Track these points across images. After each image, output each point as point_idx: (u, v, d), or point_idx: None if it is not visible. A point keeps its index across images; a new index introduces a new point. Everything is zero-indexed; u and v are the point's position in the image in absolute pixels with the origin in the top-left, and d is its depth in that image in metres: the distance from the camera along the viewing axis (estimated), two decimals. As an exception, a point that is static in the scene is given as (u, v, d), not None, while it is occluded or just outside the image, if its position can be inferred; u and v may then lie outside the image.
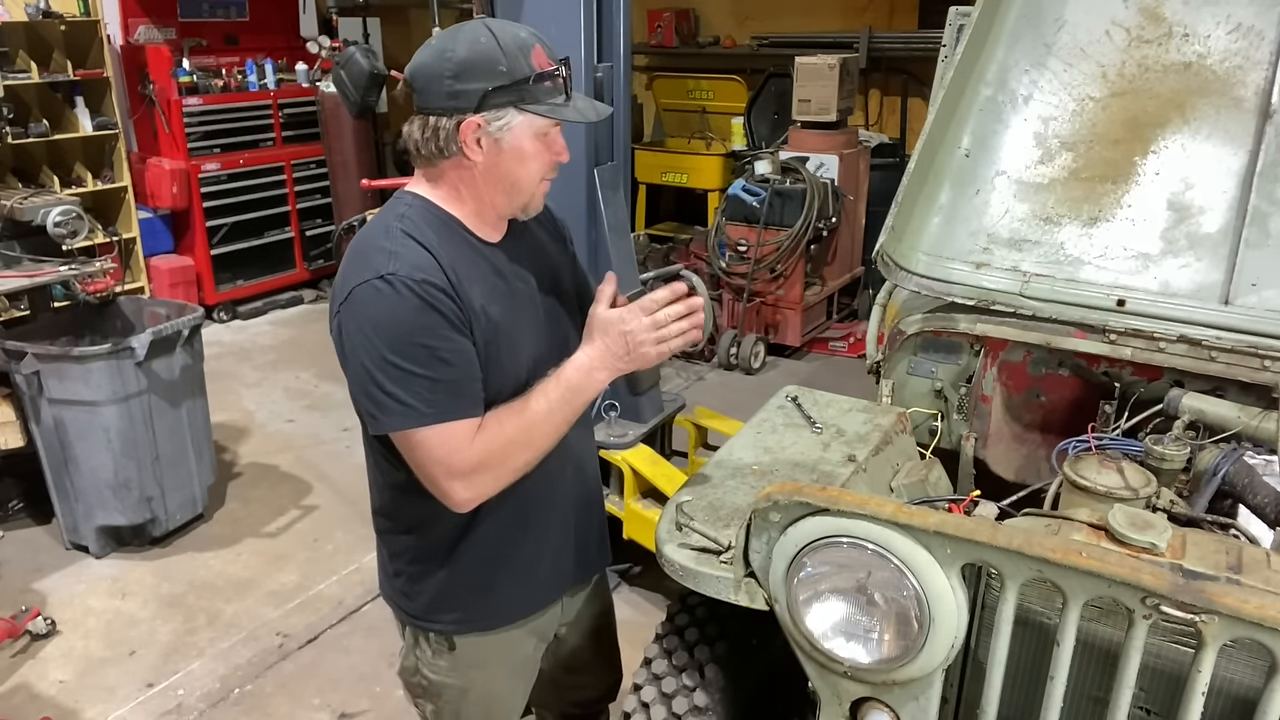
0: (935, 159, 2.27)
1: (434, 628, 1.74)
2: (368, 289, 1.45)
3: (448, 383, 1.45)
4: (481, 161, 1.52)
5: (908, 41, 6.96)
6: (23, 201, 3.99)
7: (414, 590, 1.73)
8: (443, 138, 1.50)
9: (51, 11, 5.63)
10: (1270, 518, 1.66)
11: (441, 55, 1.47)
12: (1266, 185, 1.97)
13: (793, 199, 5.65)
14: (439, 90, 1.47)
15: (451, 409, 1.46)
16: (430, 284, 1.45)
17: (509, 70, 1.47)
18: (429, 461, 1.48)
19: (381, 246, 1.49)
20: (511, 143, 1.51)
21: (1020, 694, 1.45)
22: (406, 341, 1.43)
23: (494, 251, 1.60)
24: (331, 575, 3.72)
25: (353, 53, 5.13)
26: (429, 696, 1.83)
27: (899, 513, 1.36)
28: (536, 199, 1.61)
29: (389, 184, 3.92)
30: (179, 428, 3.83)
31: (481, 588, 1.70)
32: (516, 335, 1.58)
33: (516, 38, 1.50)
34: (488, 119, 1.48)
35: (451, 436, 1.46)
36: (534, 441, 1.53)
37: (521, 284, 1.64)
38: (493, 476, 1.51)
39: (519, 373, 1.57)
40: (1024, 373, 2.20)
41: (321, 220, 7.11)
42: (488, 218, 1.60)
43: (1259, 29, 2.08)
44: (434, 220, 1.55)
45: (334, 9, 6.57)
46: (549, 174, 1.59)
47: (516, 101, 1.48)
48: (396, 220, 1.53)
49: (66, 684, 3.13)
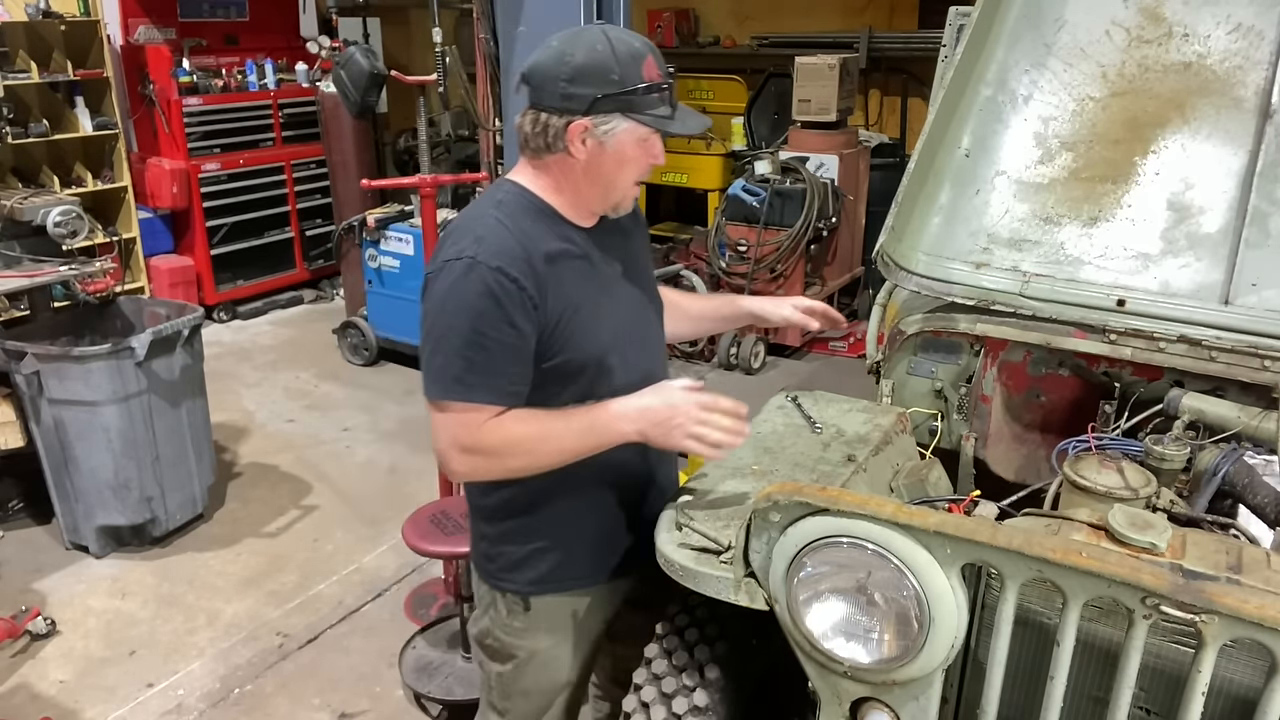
0: (935, 159, 2.27)
1: (511, 588, 1.83)
2: (451, 266, 1.58)
3: (482, 367, 1.56)
4: (584, 160, 1.62)
5: (908, 41, 6.96)
6: (23, 201, 3.99)
7: (495, 551, 1.83)
8: (551, 135, 1.60)
9: (51, 11, 5.63)
10: (1270, 518, 1.66)
11: (560, 58, 1.57)
12: (1266, 185, 1.97)
13: (793, 199, 5.65)
14: (553, 91, 1.57)
15: (473, 392, 1.57)
16: (503, 272, 1.55)
17: (621, 79, 1.56)
18: (441, 428, 1.61)
19: (473, 230, 1.61)
20: (614, 146, 1.61)
21: (1020, 694, 1.45)
22: (461, 320, 1.56)
23: (585, 238, 1.71)
24: (331, 575, 3.72)
25: (353, 53, 5.13)
26: (498, 658, 1.91)
27: (899, 513, 1.36)
28: (627, 199, 1.72)
29: (389, 184, 3.92)
30: (179, 428, 3.83)
31: (559, 551, 1.79)
32: (596, 315, 1.68)
33: (631, 48, 1.58)
34: (595, 122, 1.58)
35: (467, 415, 1.58)
36: (537, 453, 1.61)
37: (607, 268, 1.74)
38: (487, 464, 1.63)
39: (597, 347, 1.68)
40: (1024, 373, 2.20)
41: (321, 220, 7.10)
42: (582, 210, 1.70)
43: (1259, 29, 2.08)
44: (530, 209, 1.66)
45: (334, 9, 6.56)
46: (643, 177, 1.70)
47: (624, 109, 1.58)
48: (493, 207, 1.65)
49: (66, 684, 3.13)
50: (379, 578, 3.70)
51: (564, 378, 1.66)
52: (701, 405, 1.57)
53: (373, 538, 3.97)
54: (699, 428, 1.57)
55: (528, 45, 3.04)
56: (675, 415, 1.57)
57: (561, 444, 1.61)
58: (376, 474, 4.57)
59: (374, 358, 5.86)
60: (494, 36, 3.19)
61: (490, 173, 3.63)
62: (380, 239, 5.48)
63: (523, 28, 3.01)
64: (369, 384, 5.65)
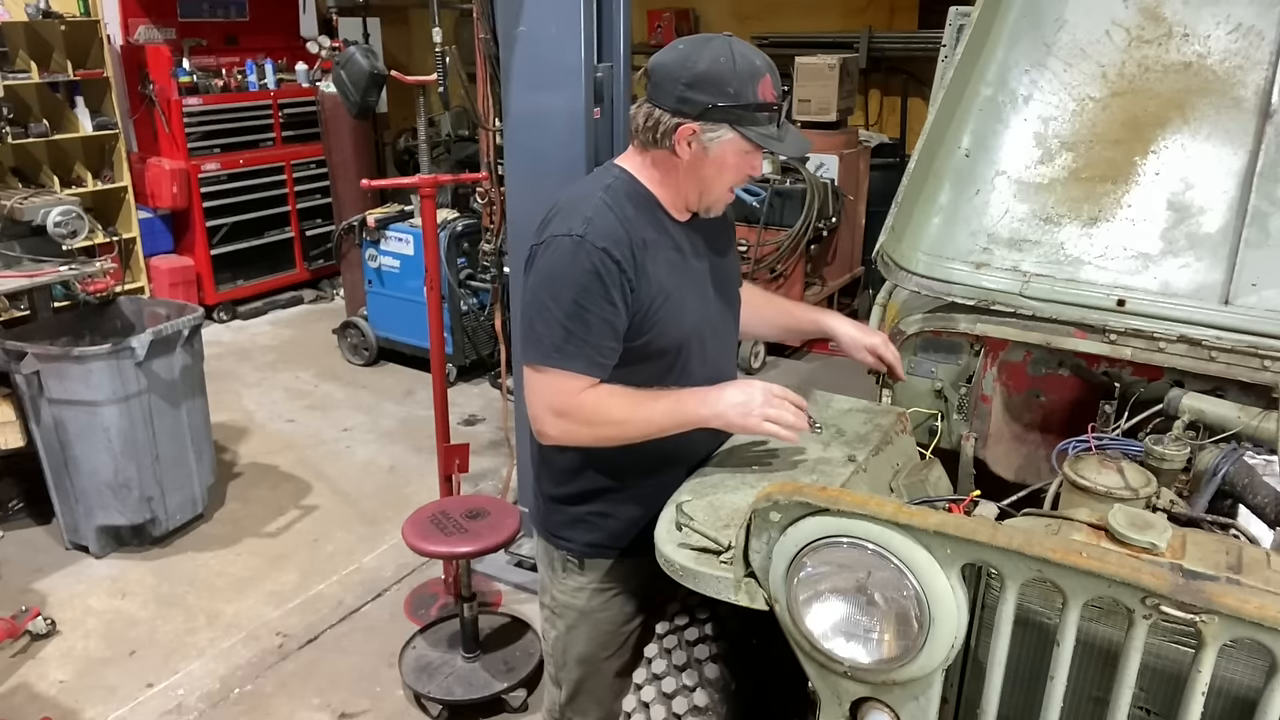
0: (935, 159, 2.27)
1: (568, 546, 1.95)
2: (559, 241, 1.68)
3: (579, 338, 1.67)
4: (687, 160, 1.71)
5: (908, 41, 6.95)
6: (23, 201, 3.99)
7: (555, 509, 1.95)
8: (660, 131, 1.70)
9: (51, 11, 5.63)
10: (1270, 518, 1.66)
11: (683, 62, 1.66)
12: (1266, 185, 1.97)
13: (793, 199, 5.65)
14: (670, 91, 1.67)
15: (571, 361, 1.68)
16: (608, 254, 1.66)
17: (735, 94, 1.64)
18: (536, 392, 1.73)
19: (582, 210, 1.71)
20: (717, 153, 1.70)
21: (1020, 694, 1.45)
22: (565, 293, 1.66)
23: (679, 230, 1.82)
24: (331, 575, 3.72)
25: (353, 53, 5.13)
26: (553, 618, 2.03)
27: (899, 513, 1.35)
28: (720, 203, 1.82)
29: (389, 184, 3.91)
30: (179, 428, 3.83)
31: (615, 519, 1.90)
32: (683, 303, 1.79)
33: (751, 65, 1.66)
34: (703, 128, 1.67)
35: (562, 381, 1.69)
36: (626, 423, 1.73)
37: (697, 261, 1.85)
38: (578, 430, 1.74)
39: (680, 334, 1.79)
40: (1024, 373, 2.20)
41: (321, 220, 7.10)
42: (679, 204, 1.81)
43: (1259, 29, 2.08)
44: (635, 195, 1.76)
45: (334, 9, 6.56)
46: (740, 185, 1.81)
47: (733, 121, 1.66)
48: (603, 191, 1.74)
49: (66, 684, 3.13)
50: (379, 578, 3.70)
51: (645, 359, 1.77)
52: (774, 393, 1.73)
53: (373, 538, 3.97)
54: (773, 410, 1.70)
55: (528, 45, 3.04)
56: (752, 401, 1.71)
57: (650, 419, 1.73)
58: (376, 474, 4.57)
59: (374, 358, 5.86)
60: (494, 36, 3.18)
61: (490, 173, 3.62)
62: (380, 239, 5.48)
63: (523, 28, 3.00)
64: (369, 384, 5.65)
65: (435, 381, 3.48)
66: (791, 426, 1.72)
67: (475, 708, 2.97)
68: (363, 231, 5.54)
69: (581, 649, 2.01)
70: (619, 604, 1.98)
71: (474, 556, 2.90)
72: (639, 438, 1.75)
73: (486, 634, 3.20)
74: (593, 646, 2.00)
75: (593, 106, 3.04)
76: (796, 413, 1.73)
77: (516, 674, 3.03)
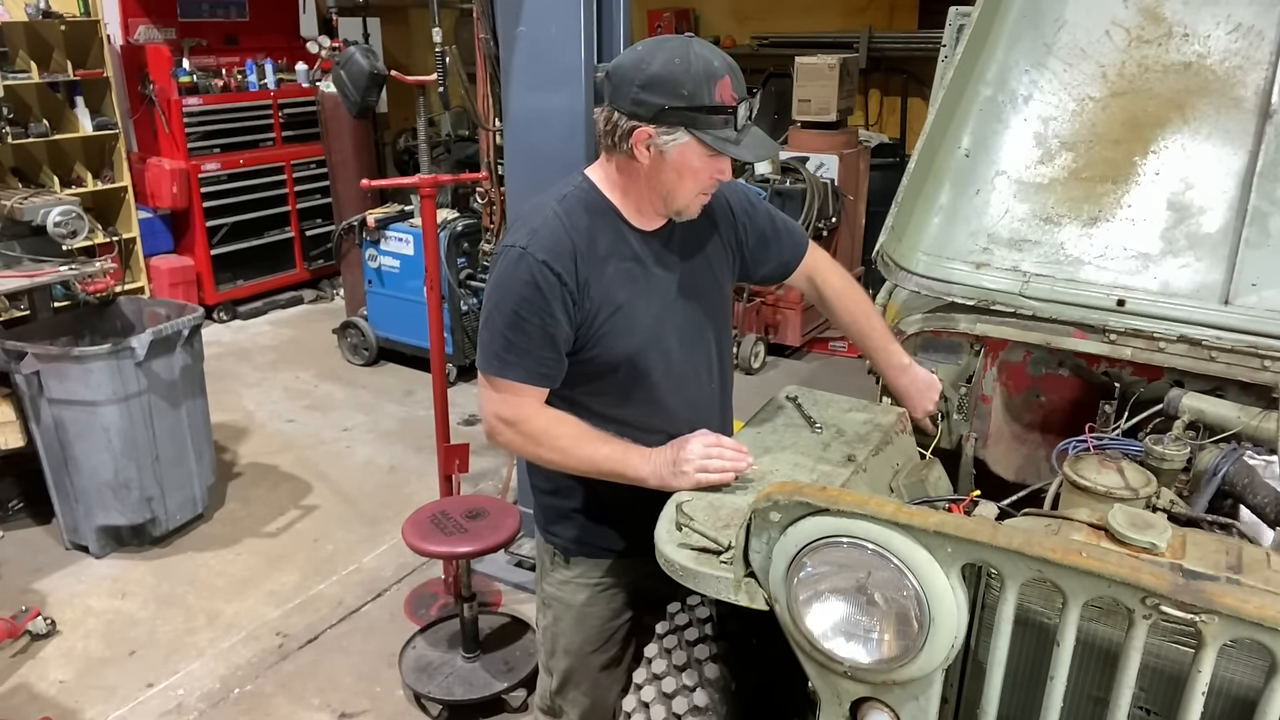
0: (935, 159, 2.27)
1: (556, 541, 1.99)
2: (508, 251, 1.71)
3: (520, 348, 1.69)
4: (647, 165, 1.68)
5: (908, 41, 6.96)
6: (23, 201, 3.99)
7: (545, 503, 2.00)
8: (618, 135, 1.67)
9: (51, 11, 5.63)
10: (1270, 518, 1.66)
11: (639, 64, 1.63)
12: (1266, 185, 1.97)
13: (793, 199, 5.64)
14: (626, 93, 1.64)
15: (510, 369, 1.71)
16: (548, 266, 1.66)
17: (689, 95, 1.60)
18: (485, 398, 1.77)
19: (531, 221, 1.72)
20: (675, 157, 1.66)
21: (1020, 694, 1.45)
22: (506, 303, 1.69)
23: (640, 239, 1.78)
24: (331, 575, 3.72)
25: (353, 53, 5.13)
26: (544, 608, 2.08)
27: (899, 513, 1.35)
28: (692, 208, 1.76)
29: (389, 184, 3.91)
30: (179, 428, 3.83)
31: (590, 519, 1.93)
32: (636, 317, 1.76)
33: (709, 66, 1.61)
34: (658, 131, 1.63)
35: (506, 390, 1.72)
36: (566, 454, 1.75)
37: (661, 270, 1.81)
38: (521, 443, 1.77)
39: (630, 347, 1.77)
40: (1024, 373, 2.20)
41: (321, 220, 7.10)
42: (646, 212, 1.78)
43: (1259, 29, 2.08)
44: (592, 205, 1.75)
45: (334, 9, 6.56)
46: (708, 189, 1.74)
47: (688, 124, 1.62)
48: (557, 201, 1.74)
49: (66, 684, 3.13)
50: (379, 578, 3.70)
51: (601, 374, 1.77)
52: (708, 443, 1.71)
53: (373, 538, 3.97)
54: (702, 464, 1.70)
55: (528, 45, 3.04)
56: (682, 456, 1.70)
57: (591, 460, 1.74)
58: (376, 474, 4.57)
59: (374, 358, 5.86)
60: (494, 36, 3.19)
61: (490, 173, 3.62)
62: (380, 239, 5.49)
63: (523, 28, 3.00)
64: (369, 384, 5.65)
65: (435, 381, 3.48)
66: (730, 469, 1.71)
67: (475, 708, 2.97)
68: (363, 231, 5.55)
69: (568, 641, 2.04)
70: (605, 600, 2.00)
71: (474, 556, 2.90)
72: (577, 472, 1.79)
73: (486, 634, 3.20)
74: (579, 640, 2.03)
75: (593, 106, 3.04)
76: (735, 454, 1.72)
77: (516, 674, 3.03)
